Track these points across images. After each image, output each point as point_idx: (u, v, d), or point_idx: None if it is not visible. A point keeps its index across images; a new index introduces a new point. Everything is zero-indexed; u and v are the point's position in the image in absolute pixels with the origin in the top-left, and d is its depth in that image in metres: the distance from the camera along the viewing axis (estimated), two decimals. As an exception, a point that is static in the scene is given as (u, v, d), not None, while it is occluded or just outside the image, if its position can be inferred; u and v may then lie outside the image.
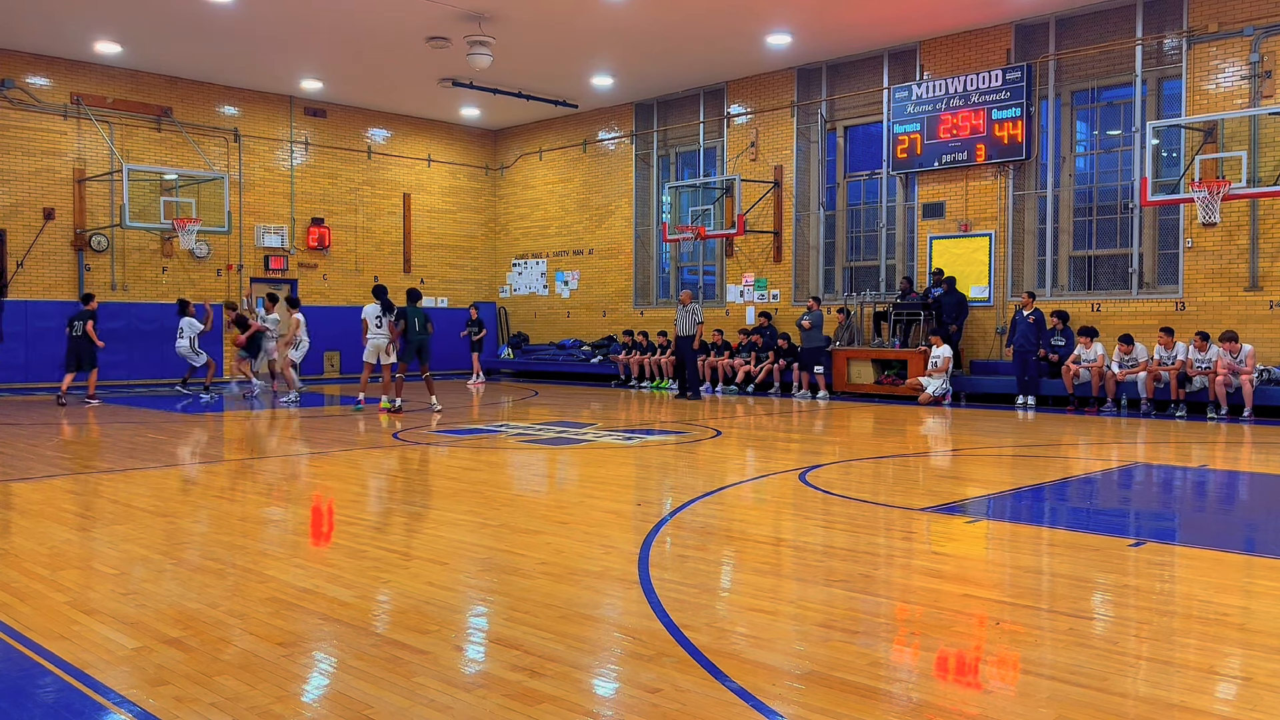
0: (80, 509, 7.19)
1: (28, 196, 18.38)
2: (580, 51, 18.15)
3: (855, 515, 6.85)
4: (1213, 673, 3.72)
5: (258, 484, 8.41)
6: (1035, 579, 5.25)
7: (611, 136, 22.49)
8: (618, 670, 3.78)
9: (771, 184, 19.44)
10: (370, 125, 22.92)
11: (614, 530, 6.31)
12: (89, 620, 4.31)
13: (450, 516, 6.79)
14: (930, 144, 17.20)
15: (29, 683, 3.63)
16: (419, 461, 9.69)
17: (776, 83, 19.46)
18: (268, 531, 6.41)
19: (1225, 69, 14.41)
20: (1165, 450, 10.49)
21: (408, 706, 3.35)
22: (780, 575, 5.21)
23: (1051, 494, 7.83)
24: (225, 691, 3.48)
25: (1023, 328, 15.23)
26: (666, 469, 9.13)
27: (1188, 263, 14.81)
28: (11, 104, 18.11)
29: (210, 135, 20.52)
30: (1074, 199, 16.53)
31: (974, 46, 16.83)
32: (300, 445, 11.06)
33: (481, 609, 4.62)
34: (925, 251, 17.55)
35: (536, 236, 24.32)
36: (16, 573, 5.14)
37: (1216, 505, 7.96)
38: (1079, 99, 16.43)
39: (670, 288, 22.24)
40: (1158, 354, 14.09)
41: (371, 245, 22.98)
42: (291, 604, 4.56)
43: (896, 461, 9.47)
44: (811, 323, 17.19)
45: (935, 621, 4.32)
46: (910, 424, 13.05)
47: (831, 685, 3.53)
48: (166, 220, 18.45)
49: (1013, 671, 3.72)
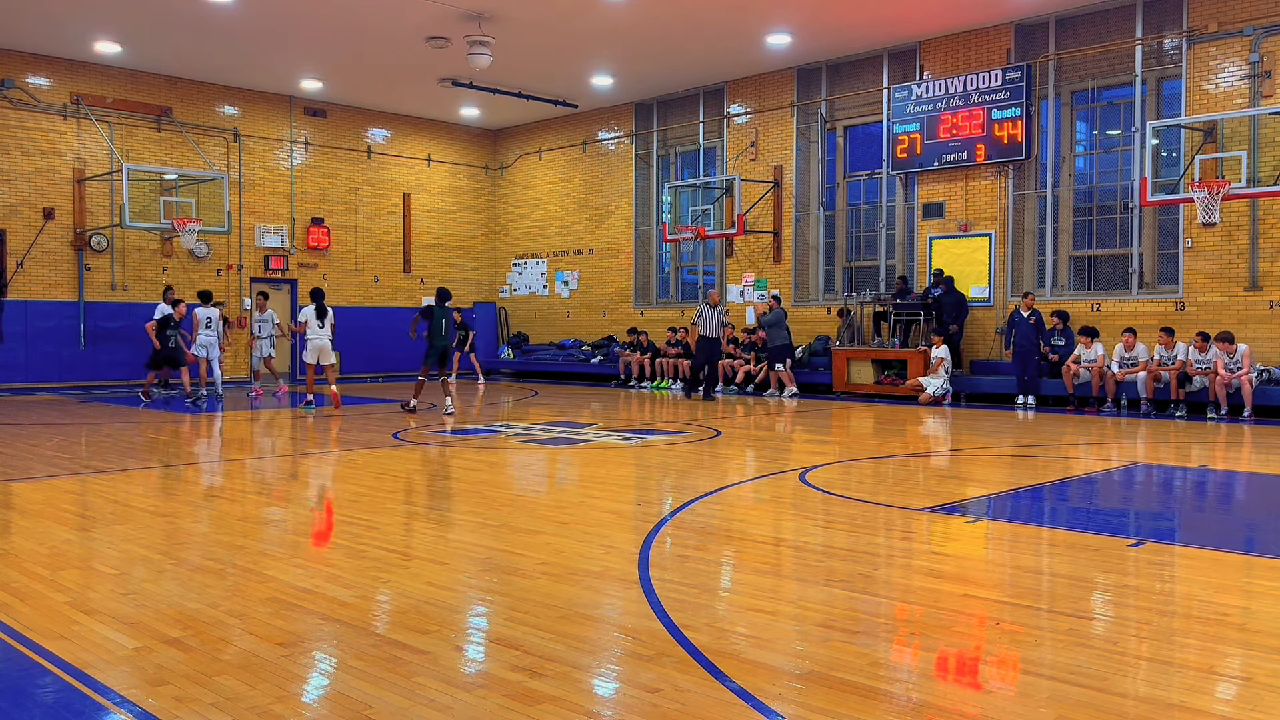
0: (80, 509, 7.19)
1: (28, 196, 18.38)
2: (580, 51, 18.15)
3: (855, 515, 6.85)
4: (1213, 673, 3.72)
5: (257, 484, 8.41)
6: (1035, 579, 5.25)
7: (611, 136, 22.49)
8: (618, 670, 3.78)
9: (771, 184, 19.44)
10: (370, 125, 22.92)
11: (614, 530, 6.30)
12: (89, 620, 4.30)
13: (450, 516, 6.79)
14: (930, 144, 17.20)
15: (29, 683, 3.63)
16: (419, 461, 9.69)
17: (776, 83, 19.46)
18: (267, 531, 6.41)
19: (1225, 69, 14.41)
20: (1165, 450, 10.49)
21: (408, 706, 3.35)
22: (780, 575, 5.21)
23: (1051, 494, 7.83)
24: (225, 691, 3.48)
25: (1022, 328, 15.23)
26: (666, 469, 9.13)
27: (1188, 263, 14.81)
28: (11, 104, 18.11)
29: (210, 135, 20.52)
30: (1074, 199, 16.53)
31: (974, 46, 16.83)
32: (300, 445, 11.06)
33: (481, 609, 4.62)
34: (925, 251, 17.55)
35: (536, 236, 24.32)
36: (16, 573, 5.14)
37: (1216, 505, 7.96)
38: (1079, 99, 16.43)
39: (670, 288, 22.24)
40: (1158, 354, 14.08)
41: (371, 245, 22.98)
42: (291, 604, 4.56)
43: (896, 461, 9.46)
44: (771, 321, 17.18)
45: (935, 621, 4.32)
46: (910, 424, 13.04)
47: (831, 685, 3.53)
48: (166, 220, 18.45)
49: (1013, 671, 3.72)
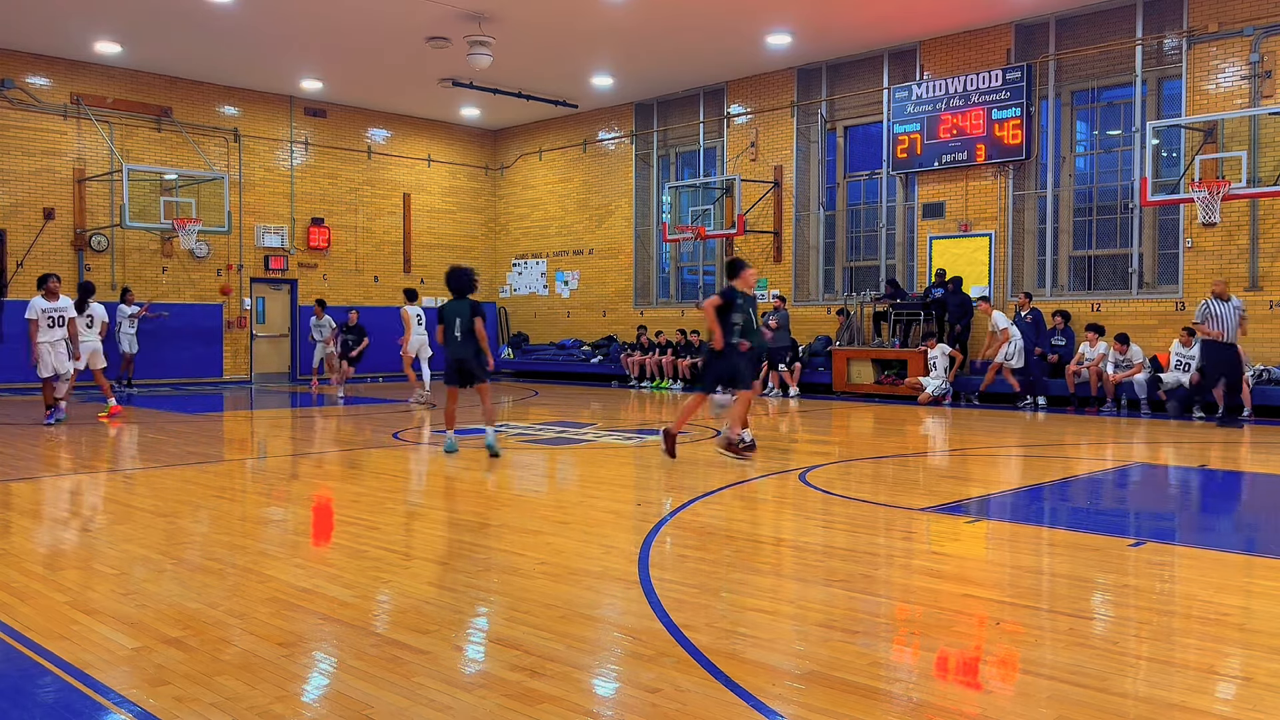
0: (80, 509, 7.19)
1: (28, 196, 18.38)
2: (580, 51, 18.15)
3: (855, 515, 6.85)
4: (1213, 673, 3.72)
5: (258, 484, 8.41)
6: (1035, 579, 5.25)
7: (611, 136, 22.49)
8: (618, 670, 3.78)
9: (771, 184, 19.44)
10: (370, 125, 22.92)
11: (614, 530, 6.30)
12: (89, 620, 4.30)
13: (450, 516, 6.79)
14: (930, 144, 17.20)
15: (29, 683, 3.63)
16: (419, 461, 9.69)
17: (776, 83, 19.46)
18: (268, 531, 6.41)
19: (1225, 69, 14.40)
20: (1165, 450, 10.49)
21: (408, 706, 3.35)
22: (780, 575, 5.21)
23: (1051, 494, 7.83)
24: (225, 691, 3.48)
25: (1022, 328, 15.25)
26: (667, 469, 9.13)
27: (1188, 263, 14.81)
28: (11, 104, 18.11)
29: (210, 135, 20.52)
30: (1074, 199, 16.53)
31: (974, 46, 16.83)
32: (300, 445, 11.06)
33: (481, 609, 4.62)
34: (925, 251, 17.55)
35: (536, 236, 24.32)
36: (16, 573, 5.14)
37: (1216, 505, 7.96)
38: (1079, 99, 16.43)
39: (670, 288, 22.24)
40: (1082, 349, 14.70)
41: (371, 245, 22.98)
42: (291, 604, 4.56)
43: (896, 461, 9.46)
44: (779, 323, 17.19)
45: (935, 621, 4.32)
46: (910, 424, 13.04)
47: (831, 685, 3.53)
48: (166, 220, 18.46)
49: (1013, 671, 3.72)
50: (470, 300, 9.69)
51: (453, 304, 9.66)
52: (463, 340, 9.53)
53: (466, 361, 9.57)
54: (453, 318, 9.57)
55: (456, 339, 9.53)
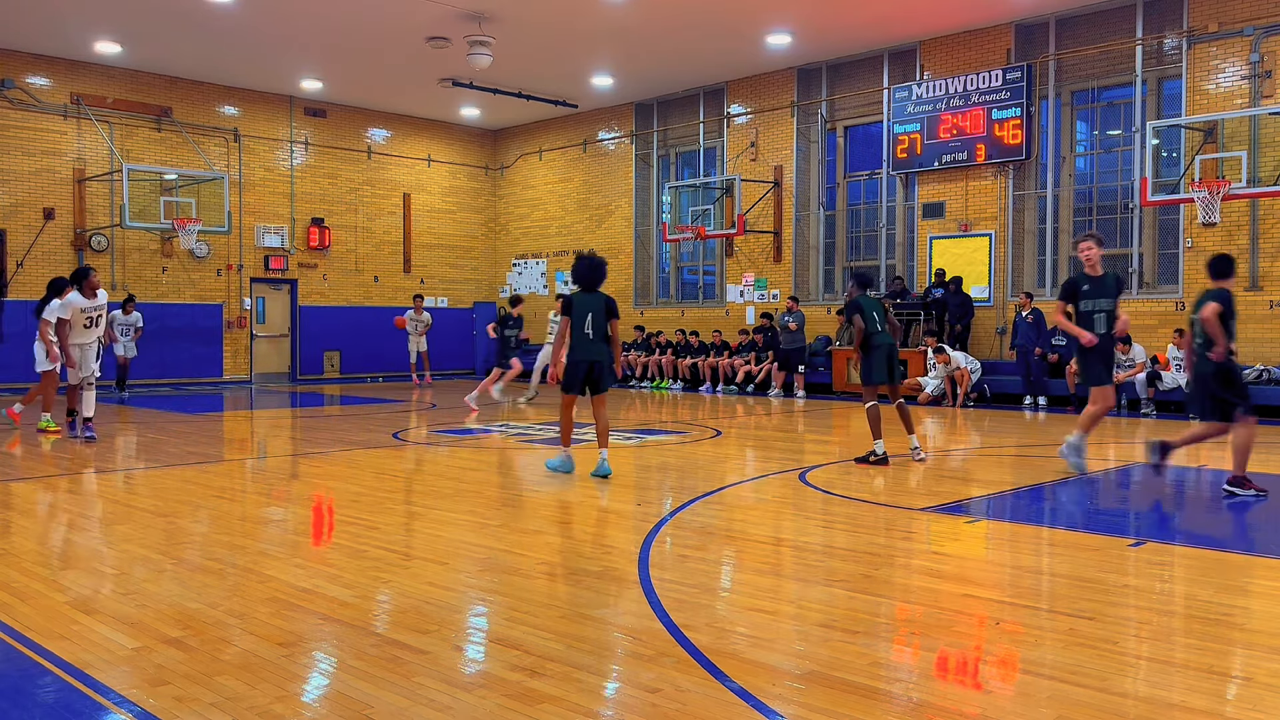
0: (80, 509, 7.19)
1: (28, 196, 18.37)
2: (580, 51, 18.15)
3: (855, 515, 6.85)
4: (1213, 673, 3.72)
5: (258, 484, 8.41)
6: (1035, 579, 5.25)
7: (611, 136, 22.49)
8: (618, 670, 3.78)
9: (771, 184, 19.44)
10: (370, 125, 22.92)
11: (614, 530, 6.30)
12: (89, 620, 4.30)
13: (450, 516, 6.79)
14: (930, 144, 17.19)
15: (29, 683, 3.63)
16: (419, 461, 9.69)
17: (776, 83, 19.46)
18: (268, 531, 6.41)
19: (1225, 69, 14.40)
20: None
21: (408, 706, 3.35)
22: (780, 575, 5.20)
23: (1051, 494, 7.83)
24: (225, 691, 3.47)
25: (1021, 328, 15.27)
26: (666, 469, 9.12)
27: (1188, 263, 14.80)
28: (11, 104, 18.10)
29: (210, 135, 20.51)
30: (1074, 199, 16.53)
31: (974, 46, 16.83)
32: (299, 445, 11.06)
33: (481, 609, 4.62)
34: (925, 251, 17.55)
35: (536, 236, 24.31)
36: (16, 573, 5.14)
37: (1216, 505, 7.96)
38: (1079, 99, 16.43)
39: (670, 288, 22.23)
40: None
41: (372, 245, 22.98)
42: (291, 604, 4.56)
43: (896, 461, 9.45)
44: (797, 323, 17.21)
45: (935, 621, 4.32)
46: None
47: (831, 685, 3.53)
48: (166, 220, 18.46)
49: (1013, 671, 3.72)
50: (604, 295, 8.41)
51: (583, 297, 8.37)
52: (594, 340, 8.25)
53: (599, 365, 8.24)
54: (584, 314, 8.27)
55: (587, 337, 8.23)
